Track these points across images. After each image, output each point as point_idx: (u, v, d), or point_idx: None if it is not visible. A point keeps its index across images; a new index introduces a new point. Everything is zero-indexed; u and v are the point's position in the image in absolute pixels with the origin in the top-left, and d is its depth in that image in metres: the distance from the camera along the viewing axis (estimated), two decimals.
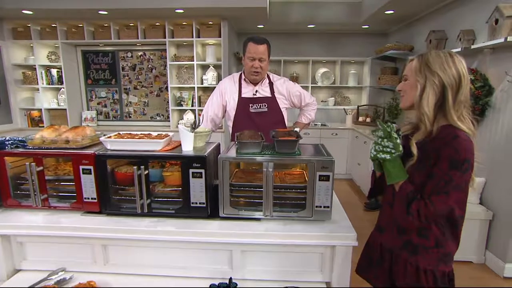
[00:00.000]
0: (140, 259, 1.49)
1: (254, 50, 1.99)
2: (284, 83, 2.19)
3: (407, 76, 1.26)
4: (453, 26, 3.25)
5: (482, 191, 2.74)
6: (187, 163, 1.42)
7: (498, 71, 2.58)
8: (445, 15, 3.48)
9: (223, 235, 1.41)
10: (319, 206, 1.43)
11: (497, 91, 2.60)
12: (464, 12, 3.11)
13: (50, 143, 1.57)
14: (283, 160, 1.42)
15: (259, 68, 2.01)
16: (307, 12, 4.75)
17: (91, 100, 5.07)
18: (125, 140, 1.50)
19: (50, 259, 1.54)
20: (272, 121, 2.09)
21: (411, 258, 1.22)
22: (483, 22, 2.69)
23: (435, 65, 1.15)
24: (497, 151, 2.61)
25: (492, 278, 2.54)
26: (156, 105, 5.00)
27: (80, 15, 4.24)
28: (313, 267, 1.45)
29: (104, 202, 1.52)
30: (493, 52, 2.65)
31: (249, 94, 2.11)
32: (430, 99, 1.14)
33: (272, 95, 2.12)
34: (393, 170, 1.19)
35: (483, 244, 2.69)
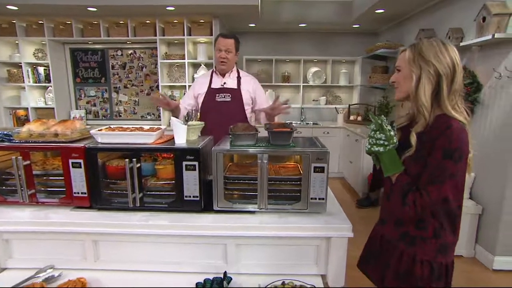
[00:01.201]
0: (132, 255, 1.46)
1: (222, 42, 2.25)
2: (252, 80, 2.40)
3: (400, 67, 1.23)
4: (442, 25, 3.31)
5: (472, 186, 2.78)
6: (180, 156, 1.39)
7: (486, 68, 2.63)
8: (434, 14, 3.54)
9: (217, 228, 1.39)
10: (314, 198, 1.43)
11: (485, 88, 2.65)
12: (452, 10, 3.17)
13: (38, 137, 1.52)
14: (278, 151, 1.41)
15: (226, 58, 2.25)
16: (298, 11, 4.77)
17: (80, 99, 4.98)
18: (116, 133, 1.47)
19: (38, 256, 1.49)
20: (234, 111, 2.30)
21: (408, 249, 1.22)
22: (471, 20, 2.74)
23: (429, 54, 1.13)
24: (486, 147, 2.66)
25: (481, 271, 2.58)
26: (147, 104, 4.94)
27: (68, 12, 4.15)
28: (309, 260, 1.44)
29: (94, 197, 1.48)
30: (481, 50, 2.70)
31: (218, 85, 2.33)
32: (427, 89, 1.13)
33: (238, 87, 2.33)
34: (389, 163, 1.19)
35: (473, 238, 2.73)
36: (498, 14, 2.37)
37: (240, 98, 2.31)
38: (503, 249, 2.52)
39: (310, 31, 5.55)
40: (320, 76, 5.74)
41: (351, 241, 1.38)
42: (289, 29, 5.44)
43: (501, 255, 2.53)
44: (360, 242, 1.53)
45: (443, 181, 1.08)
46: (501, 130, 2.49)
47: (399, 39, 4.47)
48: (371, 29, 5.34)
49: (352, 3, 4.68)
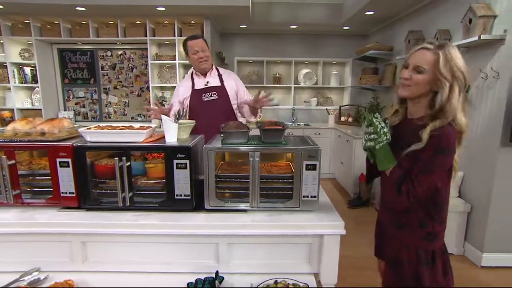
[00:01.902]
0: (121, 255, 1.43)
1: (193, 44, 2.26)
2: (230, 75, 2.43)
3: (424, 69, 1.15)
4: (430, 26, 3.37)
5: (460, 184, 2.83)
6: (171, 154, 1.38)
7: (473, 69, 2.69)
8: (422, 16, 3.61)
9: (209, 227, 1.37)
10: (306, 196, 1.43)
11: (472, 88, 2.71)
12: (440, 12, 3.24)
13: (24, 136, 1.49)
14: (270, 149, 1.41)
15: (205, 56, 2.26)
16: (289, 12, 4.80)
17: (69, 100, 4.89)
18: (105, 131, 1.45)
19: (23, 259, 1.44)
20: (222, 109, 2.31)
21: (398, 234, 1.32)
22: (458, 22, 2.80)
23: (460, 64, 1.11)
24: (473, 146, 2.71)
25: (470, 268, 2.62)
26: (137, 105, 4.88)
27: (56, 11, 4.08)
28: (301, 259, 1.44)
29: (83, 197, 1.45)
30: (468, 51, 2.76)
31: (201, 85, 2.34)
32: (459, 99, 1.11)
33: (221, 84, 2.34)
34: (383, 158, 1.24)
35: (462, 236, 2.78)
36: (483, 16, 2.42)
37: (226, 94, 2.33)
38: (491, 246, 2.57)
39: (301, 33, 5.59)
40: (311, 78, 5.78)
41: (343, 241, 1.38)
42: (280, 30, 5.46)
43: (489, 252, 2.57)
44: (352, 242, 1.54)
45: (433, 171, 1.15)
46: (487, 129, 2.54)
47: (389, 41, 4.54)
48: (361, 31, 5.41)
49: (342, 5, 4.74)
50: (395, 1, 3.56)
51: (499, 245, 2.56)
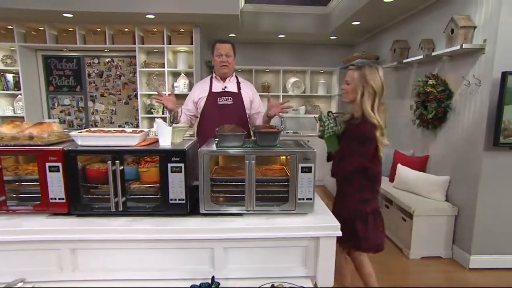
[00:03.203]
0: (113, 263, 1.39)
1: (221, 47, 2.32)
2: (248, 85, 2.51)
3: (349, 81, 1.75)
4: (415, 36, 3.50)
5: (447, 188, 2.91)
6: (165, 157, 1.36)
7: (456, 76, 2.80)
8: (407, 26, 3.75)
9: (204, 231, 1.36)
10: (302, 199, 1.44)
11: (456, 95, 2.82)
12: (424, 22, 3.37)
13: (10, 140, 1.44)
14: (265, 152, 1.41)
15: (227, 61, 2.32)
16: (277, 22, 4.89)
17: (53, 108, 4.78)
18: (98, 134, 1.42)
19: (6, 269, 1.38)
20: (236, 114, 2.35)
21: (343, 200, 1.83)
22: (441, 32, 2.93)
23: (370, 78, 1.66)
24: (458, 151, 2.80)
25: (458, 271, 2.67)
26: (125, 113, 4.82)
27: (42, 17, 4.01)
28: (297, 262, 1.44)
29: (73, 203, 1.41)
30: (451, 59, 2.88)
31: (219, 89, 2.38)
32: (369, 102, 1.68)
33: (238, 91, 2.40)
34: (329, 144, 1.86)
35: (450, 239, 2.83)
36: (464, 27, 2.54)
37: (241, 101, 2.37)
38: (478, 248, 2.63)
39: (289, 42, 5.69)
40: (299, 86, 5.87)
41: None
42: (268, 39, 5.55)
43: (476, 254, 2.63)
44: None
45: (351, 157, 1.71)
46: (472, 134, 2.64)
47: (375, 50, 4.68)
48: (348, 41, 5.56)
49: (329, 15, 4.87)
50: (380, 12, 3.69)
51: (486, 247, 2.63)
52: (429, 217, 2.79)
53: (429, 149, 3.28)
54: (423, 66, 3.37)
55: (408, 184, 3.19)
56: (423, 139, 3.39)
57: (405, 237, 2.95)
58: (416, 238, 2.81)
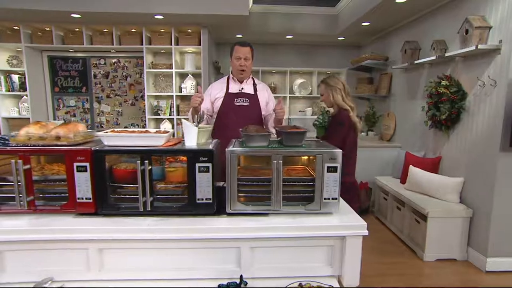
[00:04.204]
0: (140, 262, 1.43)
1: (240, 50, 2.37)
2: (264, 87, 2.59)
3: (322, 93, 2.51)
4: (426, 37, 3.55)
5: (461, 190, 2.94)
6: (193, 157, 1.40)
7: (470, 77, 2.85)
8: (417, 27, 3.80)
9: (232, 230, 1.39)
10: (327, 198, 1.47)
11: (470, 96, 2.86)
12: (435, 23, 3.43)
13: (38, 140, 1.48)
14: (293, 152, 1.45)
15: (245, 66, 2.38)
16: (285, 22, 4.95)
17: (58, 109, 4.82)
18: (125, 134, 1.46)
19: (35, 269, 1.42)
20: (252, 116, 2.43)
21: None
22: (453, 33, 2.98)
23: (332, 82, 2.43)
24: (473, 152, 2.84)
25: (475, 274, 2.70)
26: (131, 114, 4.86)
27: (49, 18, 4.07)
28: (323, 262, 1.47)
29: (100, 202, 1.44)
30: (464, 60, 2.92)
31: (236, 90, 2.45)
32: (339, 96, 2.40)
33: (255, 93, 2.47)
34: (318, 130, 3.21)
35: (465, 241, 2.87)
36: (479, 27, 2.59)
37: (258, 103, 2.44)
38: (495, 251, 2.66)
39: (296, 43, 5.75)
40: (306, 87, 5.92)
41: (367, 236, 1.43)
42: (275, 40, 5.61)
43: (493, 256, 2.66)
44: None
45: (332, 137, 2.24)
46: (487, 135, 2.68)
47: (383, 51, 4.73)
48: (356, 42, 5.61)
49: (337, 16, 4.93)
50: (391, 13, 3.74)
51: (504, 249, 2.66)
52: (443, 218, 2.82)
53: (442, 150, 3.32)
54: (434, 67, 3.41)
55: (421, 185, 3.22)
56: (435, 140, 3.44)
57: (418, 239, 2.98)
58: (431, 240, 2.84)
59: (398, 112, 4.36)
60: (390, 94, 4.58)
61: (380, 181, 3.92)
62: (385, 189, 3.77)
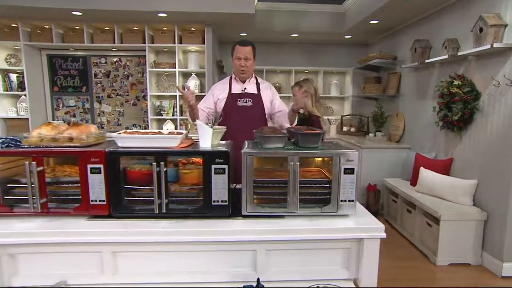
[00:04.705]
0: (154, 266, 1.46)
1: (240, 51, 2.40)
2: (268, 85, 2.61)
3: (295, 93, 2.90)
4: (437, 35, 3.58)
5: (474, 192, 2.97)
6: (209, 159, 1.43)
7: (484, 77, 2.88)
8: (427, 25, 3.83)
9: (248, 232, 1.42)
10: (344, 200, 1.50)
11: (484, 96, 2.89)
12: (446, 21, 3.46)
13: (50, 141, 1.51)
14: (310, 153, 1.49)
15: (245, 66, 2.41)
16: (291, 20, 4.98)
17: (58, 109, 4.86)
18: (139, 136, 1.49)
19: (48, 272, 1.45)
20: (256, 116, 2.46)
21: None
22: (465, 31, 3.01)
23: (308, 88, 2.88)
24: (487, 153, 2.87)
25: (490, 279, 2.72)
26: (132, 114, 4.90)
27: (49, 16, 4.10)
28: (339, 264, 1.50)
29: (114, 205, 1.47)
30: (478, 59, 2.96)
31: (238, 90, 2.48)
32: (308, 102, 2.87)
33: (258, 93, 2.50)
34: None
35: (479, 245, 2.89)
36: (494, 25, 2.63)
37: (261, 103, 2.46)
38: (511, 255, 2.68)
39: (301, 42, 5.78)
40: None
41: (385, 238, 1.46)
42: (280, 39, 5.64)
43: (509, 261, 2.68)
44: None
45: None
46: (502, 136, 2.71)
47: (392, 50, 4.77)
48: (362, 40, 5.65)
49: (344, 14, 4.96)
50: (400, 10, 3.77)
51: None
52: (456, 222, 2.85)
53: (454, 152, 3.35)
54: (446, 66, 3.45)
55: (432, 188, 3.25)
56: (447, 141, 3.46)
57: (430, 243, 3.01)
58: (443, 244, 2.86)
59: (407, 112, 4.39)
60: (399, 94, 4.61)
61: (389, 183, 3.95)
62: (395, 191, 3.79)
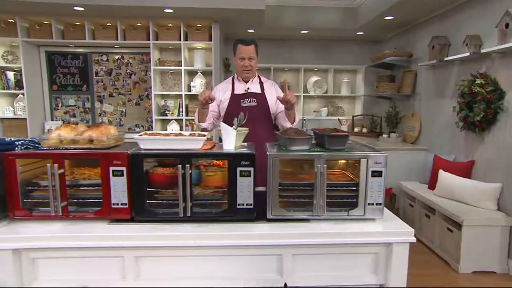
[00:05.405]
0: (177, 271, 1.51)
1: (243, 50, 2.42)
2: (272, 84, 2.63)
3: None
4: (457, 31, 3.63)
5: (499, 196, 3.01)
6: (235, 161, 1.48)
7: (509, 75, 2.92)
8: (446, 20, 3.88)
9: (274, 236, 1.47)
10: (371, 204, 1.55)
11: (508, 95, 2.94)
12: (468, 17, 3.51)
13: (70, 143, 1.57)
14: (338, 155, 1.54)
15: (249, 66, 2.45)
16: (301, 16, 5.04)
17: (57, 108, 4.92)
18: (162, 138, 1.55)
19: (69, 277, 1.50)
20: (260, 116, 2.48)
21: None
22: (489, 27, 3.06)
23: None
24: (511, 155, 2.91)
25: None
26: (135, 114, 4.96)
27: (48, 11, 4.15)
28: (367, 270, 1.55)
29: (136, 208, 1.52)
30: (502, 57, 3.00)
31: (241, 91, 2.52)
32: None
33: (262, 92, 2.53)
34: None
35: (505, 252, 2.92)
36: None
37: (266, 102, 2.49)
38: None
39: (311, 39, 5.84)
40: (321, 86, 6.01)
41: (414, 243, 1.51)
42: (289, 36, 5.71)
43: None
44: None
45: None
46: None
47: (406, 47, 4.82)
48: (375, 37, 5.70)
49: (357, 9, 5.02)
50: (418, 5, 3.83)
51: None
52: (480, 227, 2.89)
53: (475, 154, 3.39)
54: (466, 64, 3.50)
55: (452, 191, 3.29)
56: (468, 143, 3.51)
57: (452, 249, 3.05)
58: (466, 250, 2.91)
59: (423, 112, 4.44)
60: (414, 93, 4.67)
61: (406, 187, 4.00)
62: (412, 195, 3.84)
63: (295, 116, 2.43)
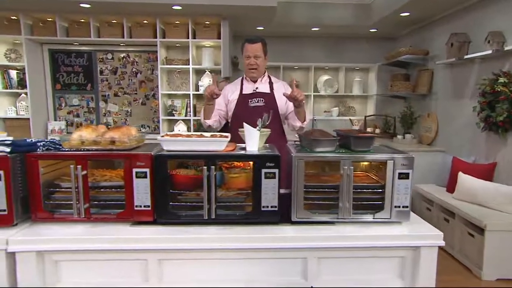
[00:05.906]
0: (201, 274, 1.56)
1: (249, 49, 2.48)
2: (282, 85, 2.65)
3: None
4: (477, 28, 3.66)
5: None
6: (260, 163, 1.53)
7: None
8: (464, 17, 3.92)
9: (299, 239, 1.52)
10: (397, 206, 1.60)
11: None
12: (489, 13, 3.54)
13: (92, 144, 1.62)
14: (364, 157, 1.58)
15: (255, 64, 2.49)
16: (313, 13, 5.09)
17: (60, 108, 4.99)
18: (186, 139, 1.60)
19: (92, 279, 1.55)
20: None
21: None
22: None
23: None
24: None
25: None
26: (141, 114, 5.02)
27: (53, 7, 4.22)
28: (394, 274, 1.60)
29: (159, 210, 1.58)
30: None
31: (250, 91, 2.57)
32: None
33: (271, 92, 2.57)
34: None
35: None
36: None
37: (274, 102, 2.53)
38: None
39: (322, 36, 5.89)
40: (332, 85, 6.04)
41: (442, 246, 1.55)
42: (299, 33, 5.75)
43: None
44: None
45: None
46: None
47: (421, 44, 4.85)
48: (389, 34, 5.74)
49: (370, 5, 5.06)
50: (438, 2, 3.87)
51: None
52: (504, 232, 2.91)
53: (497, 156, 3.42)
54: (487, 62, 3.53)
55: (473, 195, 3.32)
56: (489, 144, 3.54)
57: (473, 255, 3.08)
58: (489, 256, 2.93)
59: (441, 112, 4.47)
60: (431, 93, 4.70)
61: (423, 189, 4.03)
62: (429, 198, 3.87)
63: (305, 115, 2.44)
